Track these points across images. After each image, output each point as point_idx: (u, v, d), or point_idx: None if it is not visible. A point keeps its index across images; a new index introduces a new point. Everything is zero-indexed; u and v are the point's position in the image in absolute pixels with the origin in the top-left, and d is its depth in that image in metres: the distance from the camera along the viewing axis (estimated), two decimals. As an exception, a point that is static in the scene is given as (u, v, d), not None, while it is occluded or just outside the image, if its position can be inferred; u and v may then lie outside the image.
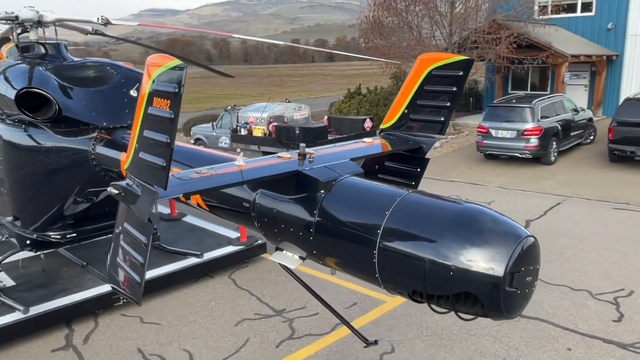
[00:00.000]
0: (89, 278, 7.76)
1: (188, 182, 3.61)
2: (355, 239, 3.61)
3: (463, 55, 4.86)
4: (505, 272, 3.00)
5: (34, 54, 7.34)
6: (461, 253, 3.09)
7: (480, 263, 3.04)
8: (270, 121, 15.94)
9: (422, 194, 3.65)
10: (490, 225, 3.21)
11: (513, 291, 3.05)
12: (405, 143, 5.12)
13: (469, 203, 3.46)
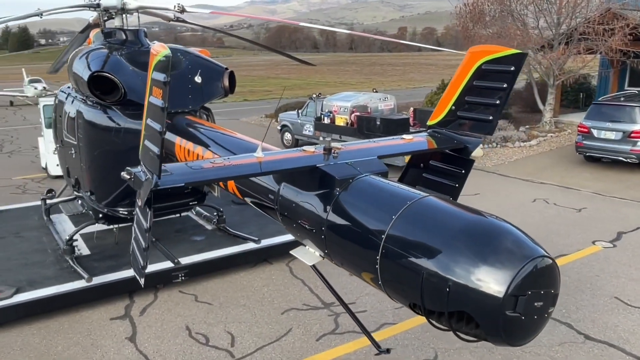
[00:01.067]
0: (155, 253, 8.16)
1: (198, 171, 3.63)
2: (362, 242, 3.45)
3: (516, 50, 4.41)
4: (506, 294, 2.69)
5: (115, 39, 7.79)
6: (461, 268, 2.82)
7: (479, 281, 2.76)
8: (352, 110, 15.78)
9: (438, 200, 3.39)
10: (499, 241, 2.89)
11: (516, 316, 2.73)
12: (449, 142, 4.79)
13: (485, 215, 3.14)
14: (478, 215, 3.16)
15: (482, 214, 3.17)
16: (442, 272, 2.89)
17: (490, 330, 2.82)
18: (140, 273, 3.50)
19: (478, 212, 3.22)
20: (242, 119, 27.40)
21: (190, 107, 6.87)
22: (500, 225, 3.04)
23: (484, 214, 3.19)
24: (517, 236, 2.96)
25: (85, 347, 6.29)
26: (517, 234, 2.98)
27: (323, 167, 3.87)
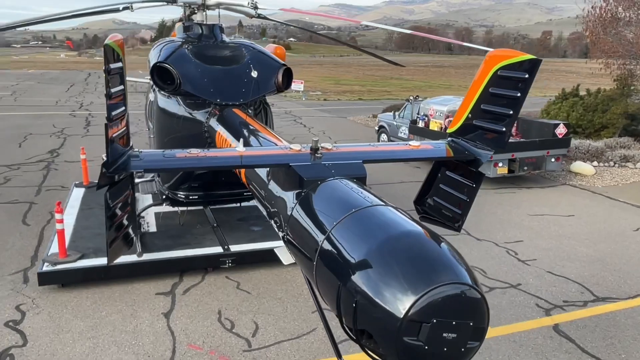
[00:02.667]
0: (211, 238, 8.59)
1: (168, 159, 3.76)
2: (306, 246, 3.36)
3: (530, 55, 3.97)
4: (405, 318, 2.46)
5: (192, 33, 8.29)
6: (370, 284, 2.64)
7: (382, 300, 2.56)
8: (447, 115, 15.15)
9: (384, 210, 3.18)
10: (414, 261, 2.65)
11: (417, 344, 2.49)
12: (460, 153, 4.47)
13: (419, 231, 2.89)
14: (410, 231, 2.92)
15: (416, 230, 2.93)
16: (353, 286, 2.72)
17: (389, 354, 2.60)
18: (107, 250, 3.72)
19: (415, 227, 2.96)
20: (349, 117, 27.60)
21: (241, 100, 7.09)
22: (426, 244, 2.78)
23: (419, 229, 2.93)
24: (439, 259, 2.69)
25: (125, 316, 6.82)
26: (443, 257, 2.71)
27: (296, 167, 3.82)
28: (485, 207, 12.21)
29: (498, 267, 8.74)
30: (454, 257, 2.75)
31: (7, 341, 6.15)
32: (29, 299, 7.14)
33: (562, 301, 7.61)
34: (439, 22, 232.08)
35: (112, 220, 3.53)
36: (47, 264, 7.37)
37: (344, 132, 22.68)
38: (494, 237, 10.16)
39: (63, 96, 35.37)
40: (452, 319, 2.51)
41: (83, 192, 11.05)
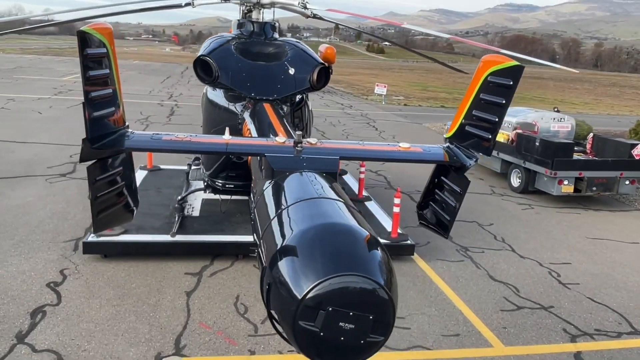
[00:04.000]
0: (246, 227, 8.91)
1: (154, 140, 4.04)
2: (256, 231, 3.50)
3: (516, 61, 3.83)
4: (301, 303, 2.54)
5: (243, 29, 8.66)
6: (281, 267, 2.74)
7: (286, 284, 2.65)
8: (516, 127, 14.53)
9: (328, 202, 3.25)
10: (324, 249, 2.72)
11: (312, 330, 2.56)
12: (451, 158, 4.42)
13: (346, 223, 2.93)
14: (333, 223, 2.96)
15: (341, 223, 2.96)
16: (270, 269, 2.83)
17: (289, 336, 2.68)
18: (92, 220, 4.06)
19: (342, 220, 3.00)
20: (425, 124, 27.16)
21: (275, 95, 7.32)
22: (344, 237, 2.82)
23: (345, 223, 2.97)
24: (350, 252, 2.72)
25: (152, 290, 7.30)
26: (356, 251, 2.74)
27: (269, 157, 3.96)
28: (541, 224, 11.63)
29: (534, 287, 8.34)
30: (370, 253, 2.77)
31: (44, 299, 6.82)
32: (73, 265, 7.83)
33: (594, 329, 7.14)
34: (545, 32, 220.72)
35: (96, 193, 3.87)
36: (92, 235, 8.04)
37: (411, 138, 22.37)
38: (540, 257, 9.68)
39: (157, 87, 37.75)
40: (350, 310, 2.55)
41: (145, 174, 11.86)
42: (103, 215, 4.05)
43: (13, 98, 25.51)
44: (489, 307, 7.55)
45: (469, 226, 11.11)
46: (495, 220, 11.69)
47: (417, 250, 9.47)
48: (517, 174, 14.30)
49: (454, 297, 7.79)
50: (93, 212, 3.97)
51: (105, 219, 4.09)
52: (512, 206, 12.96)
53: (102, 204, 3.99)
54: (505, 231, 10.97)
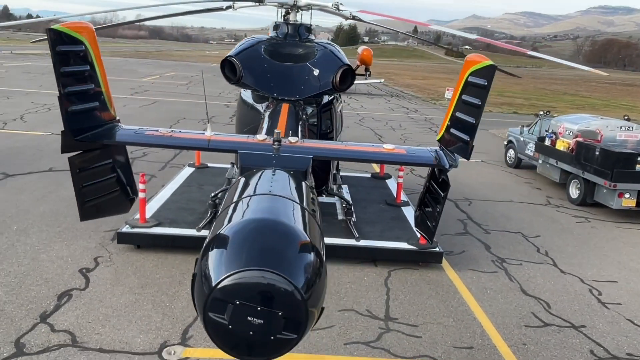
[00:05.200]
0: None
1: (136, 135, 4.20)
2: (210, 223, 3.56)
3: (487, 61, 3.63)
4: (210, 294, 2.58)
5: (279, 31, 8.79)
6: (204, 260, 2.77)
7: (204, 275, 2.69)
8: (577, 135, 13.66)
9: (272, 199, 3.25)
10: (245, 244, 2.73)
11: (221, 322, 2.58)
12: (424, 161, 4.28)
13: (276, 220, 2.92)
14: (262, 219, 2.94)
15: (271, 220, 2.94)
16: (198, 259, 2.88)
17: (203, 327, 2.71)
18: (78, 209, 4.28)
19: (273, 217, 2.98)
20: (491, 130, 26.19)
21: (297, 96, 7.37)
22: (267, 234, 2.79)
23: (275, 220, 2.94)
24: (268, 248, 2.70)
25: (173, 281, 7.58)
26: (274, 248, 2.71)
27: (240, 154, 4.01)
28: (594, 239, 10.90)
29: (568, 304, 7.83)
30: (292, 252, 2.75)
31: (73, 284, 7.28)
32: (107, 254, 8.30)
33: (626, 354, 6.60)
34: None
35: (80, 184, 4.10)
36: (127, 226, 8.48)
37: (483, 144, 21.63)
38: (584, 273, 9.07)
39: (229, 89, 39.05)
40: (258, 305, 2.55)
41: (191, 171, 12.33)
42: (90, 205, 4.28)
43: (93, 97, 27.38)
44: (513, 322, 7.18)
45: (512, 237, 10.61)
46: (543, 232, 11.08)
47: (450, 258, 9.19)
48: (576, 184, 13.48)
49: (476, 308, 7.48)
50: (77, 201, 4.21)
51: (93, 209, 4.32)
52: (565, 218, 12.23)
53: (88, 194, 4.22)
54: (551, 244, 10.37)
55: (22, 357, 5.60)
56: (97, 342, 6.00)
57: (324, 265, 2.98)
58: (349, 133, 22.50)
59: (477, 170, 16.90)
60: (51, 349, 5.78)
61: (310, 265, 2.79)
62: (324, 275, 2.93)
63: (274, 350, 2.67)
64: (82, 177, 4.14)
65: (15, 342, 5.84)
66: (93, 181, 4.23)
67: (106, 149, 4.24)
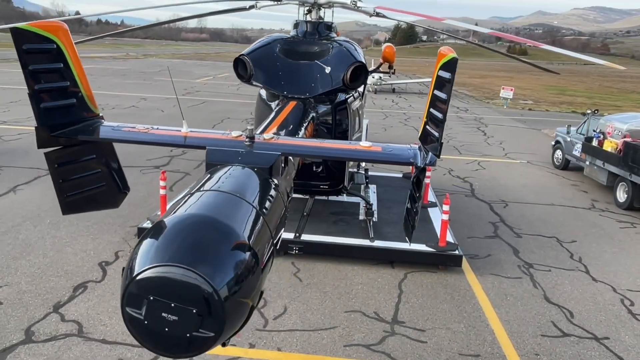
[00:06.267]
0: (293, 225, 9.01)
1: (113, 130, 4.28)
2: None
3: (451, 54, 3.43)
4: (127, 289, 2.57)
5: (298, 29, 8.77)
6: (133, 253, 2.76)
7: (126, 270, 2.68)
8: (625, 135, 12.81)
9: (217, 195, 3.20)
10: (169, 240, 2.71)
11: (138, 317, 2.57)
12: (399, 159, 4.11)
13: (209, 217, 2.87)
14: (195, 215, 2.88)
15: (203, 216, 2.88)
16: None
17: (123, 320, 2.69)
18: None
19: (206, 214, 2.91)
20: (543, 130, 25.11)
21: (307, 94, 7.30)
22: (195, 230, 2.73)
23: (208, 217, 2.88)
24: (189, 245, 2.64)
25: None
26: (196, 245, 2.65)
27: (208, 150, 3.99)
28: (635, 246, 10.21)
29: (594, 314, 7.36)
30: (216, 249, 2.69)
31: (91, 276, 7.55)
32: (129, 248, 8.56)
33: (650, 370, 6.12)
34: None
35: (59, 178, 4.22)
36: (148, 222, 8.70)
37: (521, 145, 20.83)
38: (617, 281, 8.50)
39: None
40: (171, 301, 2.51)
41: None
42: (73, 199, 4.40)
43: (145, 97, 28.41)
44: (529, 331, 6.82)
45: (545, 242, 10.10)
46: (580, 237, 10.48)
47: (473, 262, 8.86)
48: (623, 187, 12.67)
49: (491, 315, 7.16)
50: (57, 195, 4.34)
51: (75, 203, 4.44)
52: (608, 223, 11.51)
53: (69, 189, 4.34)
54: (587, 250, 9.79)
55: (28, 345, 5.86)
56: (102, 333, 6.19)
57: (258, 264, 2.91)
58: (392, 132, 22.23)
59: (520, 171, 16.24)
60: (57, 337, 6.02)
61: (235, 264, 2.73)
62: (255, 274, 2.86)
63: (192, 348, 2.63)
64: (61, 172, 4.26)
65: (25, 330, 6.13)
66: (74, 176, 4.34)
67: (88, 145, 4.35)
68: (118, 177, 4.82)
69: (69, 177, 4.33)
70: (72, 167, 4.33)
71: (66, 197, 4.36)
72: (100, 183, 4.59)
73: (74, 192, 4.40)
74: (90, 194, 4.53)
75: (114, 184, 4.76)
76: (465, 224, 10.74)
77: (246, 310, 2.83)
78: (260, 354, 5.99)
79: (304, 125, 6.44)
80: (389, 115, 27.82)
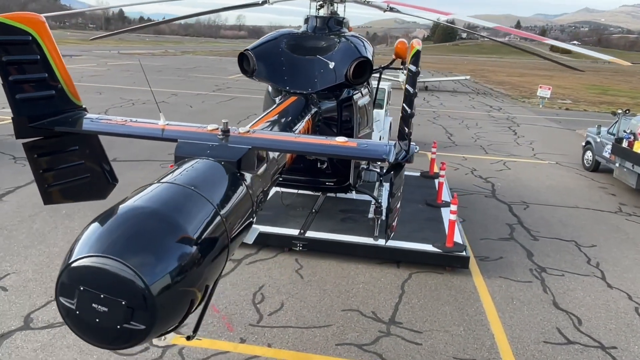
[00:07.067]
0: (299, 221, 8.99)
1: (91, 122, 4.31)
2: None
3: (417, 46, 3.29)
4: (60, 278, 2.58)
5: (308, 25, 8.70)
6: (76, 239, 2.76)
7: (64, 259, 2.68)
8: (656, 136, 12.23)
9: (173, 188, 3.18)
10: (106, 230, 2.70)
11: (70, 307, 2.57)
12: (372, 155, 4.01)
13: (154, 209, 2.85)
14: (140, 207, 2.85)
15: (147, 208, 2.85)
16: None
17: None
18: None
19: (152, 206, 2.88)
20: (578, 130, 24.27)
21: (309, 90, 7.23)
22: (135, 222, 2.71)
23: (152, 209, 2.85)
24: (125, 236, 2.62)
25: (189, 270, 7.77)
26: (131, 236, 2.62)
27: (179, 143, 3.97)
28: (661, 252, 9.73)
29: (603, 322, 7.04)
30: (152, 242, 2.66)
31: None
32: (136, 240, 8.67)
33: (656, 383, 5.81)
34: None
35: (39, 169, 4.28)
36: None
37: (552, 145, 20.20)
38: (634, 289, 8.11)
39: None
40: (101, 292, 2.50)
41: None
42: (54, 190, 4.47)
43: (176, 93, 28.88)
44: (531, 337, 6.58)
45: (563, 245, 9.74)
46: (601, 242, 10.07)
47: (483, 264, 8.63)
48: (653, 191, 12.11)
49: (494, 318, 6.95)
50: (38, 185, 4.41)
51: (57, 194, 4.50)
52: (634, 228, 11.02)
53: (49, 179, 4.40)
54: (607, 255, 9.39)
55: (25, 331, 6.01)
56: (98, 322, 6.29)
57: (203, 259, 2.87)
58: (417, 131, 21.89)
59: (547, 172, 15.74)
60: (54, 325, 6.15)
61: (173, 257, 2.69)
62: (198, 268, 2.83)
63: (123, 340, 2.61)
64: (41, 162, 4.33)
65: (25, 317, 6.29)
66: (55, 167, 4.41)
67: (70, 136, 4.41)
68: (104, 168, 4.87)
69: (49, 168, 4.39)
70: (52, 157, 4.39)
71: (47, 188, 4.43)
72: (84, 174, 4.65)
73: (55, 183, 4.46)
74: (74, 185, 4.59)
75: (100, 176, 4.82)
76: (480, 225, 10.47)
77: (184, 304, 2.80)
78: (249, 350, 5.97)
79: (301, 121, 6.38)
80: (417, 113, 27.36)
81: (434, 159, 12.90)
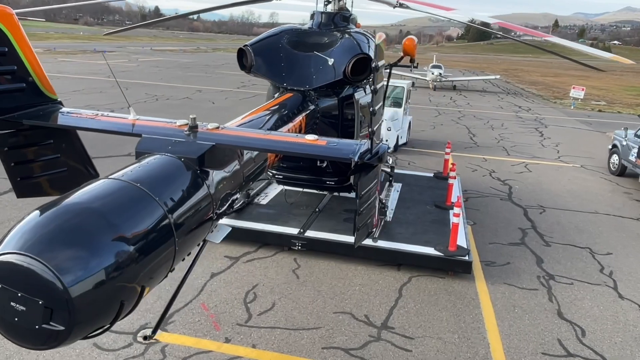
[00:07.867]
0: (301, 220, 8.86)
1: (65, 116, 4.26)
2: None
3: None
4: None
5: (314, 20, 8.55)
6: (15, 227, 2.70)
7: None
8: (684, 140, 11.62)
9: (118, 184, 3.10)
10: (35, 227, 2.61)
11: None
12: (340, 154, 3.85)
13: (89, 207, 2.77)
14: (76, 203, 2.77)
15: (82, 205, 2.76)
16: None
17: None
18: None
19: (87, 205, 2.79)
20: (608, 132, 23.38)
21: (307, 86, 7.09)
22: (68, 219, 2.63)
23: (87, 207, 2.75)
24: (53, 233, 2.54)
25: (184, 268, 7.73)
26: (55, 234, 2.54)
27: (143, 139, 3.89)
28: (682, 263, 9.22)
29: (609, 334, 6.69)
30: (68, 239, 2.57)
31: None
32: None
33: (658, 402, 5.47)
34: None
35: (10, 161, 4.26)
36: None
37: (579, 148, 19.53)
38: (649, 300, 7.71)
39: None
40: (19, 291, 2.43)
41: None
42: (28, 183, 4.45)
43: (200, 90, 29.11)
44: (529, 347, 6.30)
45: (576, 252, 9.35)
46: (618, 249, 9.62)
47: (488, 269, 8.34)
48: (679, 198, 11.53)
49: (492, 327, 6.68)
50: (9, 178, 4.39)
51: (31, 187, 4.48)
52: (656, 236, 10.51)
53: (22, 172, 4.38)
54: (622, 264, 8.96)
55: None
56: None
57: (137, 259, 2.78)
58: (440, 130, 21.51)
59: (570, 175, 15.20)
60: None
61: (100, 257, 2.60)
62: (128, 269, 2.73)
63: (43, 340, 2.53)
64: (12, 155, 4.31)
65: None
66: (27, 160, 4.39)
67: (43, 129, 4.38)
68: (82, 162, 4.83)
69: (21, 161, 4.37)
70: (24, 151, 4.37)
71: (19, 181, 4.41)
72: (61, 168, 4.62)
73: (28, 176, 4.44)
74: (50, 179, 4.56)
75: (78, 169, 4.78)
76: (491, 229, 10.15)
77: (112, 305, 2.71)
78: (232, 350, 5.88)
79: (293, 118, 6.26)
80: (442, 112, 26.98)
81: (447, 160, 12.58)
